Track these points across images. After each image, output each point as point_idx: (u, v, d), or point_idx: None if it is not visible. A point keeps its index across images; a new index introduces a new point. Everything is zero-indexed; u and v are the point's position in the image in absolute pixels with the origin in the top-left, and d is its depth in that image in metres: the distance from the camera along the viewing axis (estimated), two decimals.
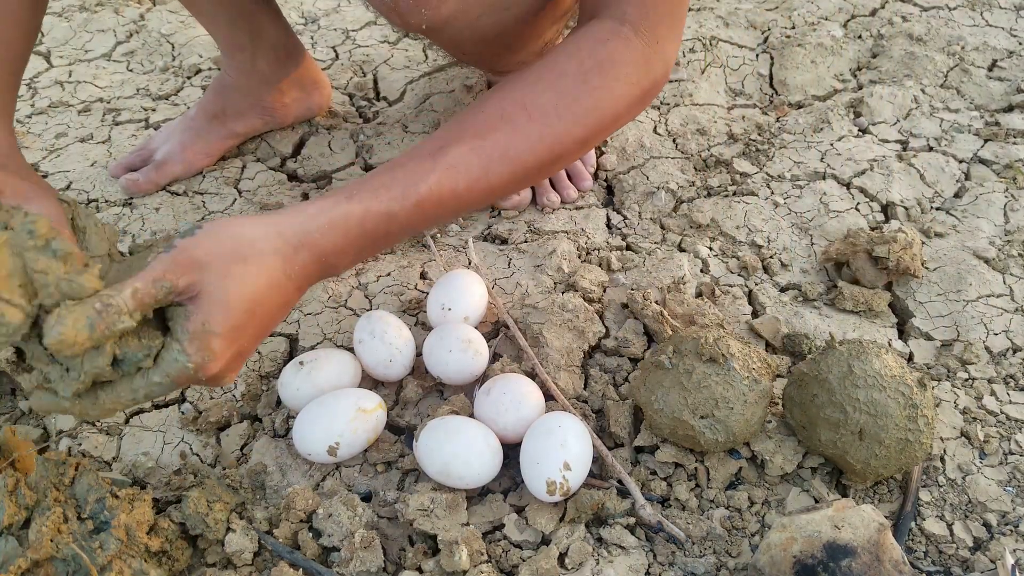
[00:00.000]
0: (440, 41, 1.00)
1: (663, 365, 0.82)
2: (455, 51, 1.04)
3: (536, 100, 0.76)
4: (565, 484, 0.76)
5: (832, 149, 1.20)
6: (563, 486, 0.76)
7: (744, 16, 1.47)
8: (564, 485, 0.76)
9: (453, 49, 1.03)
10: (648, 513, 0.77)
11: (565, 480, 0.76)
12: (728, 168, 1.18)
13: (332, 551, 0.77)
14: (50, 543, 0.69)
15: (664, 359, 0.82)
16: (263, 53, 1.13)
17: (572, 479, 0.76)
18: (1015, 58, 1.34)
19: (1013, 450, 0.85)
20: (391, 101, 1.33)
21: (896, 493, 0.82)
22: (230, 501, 0.79)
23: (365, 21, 1.51)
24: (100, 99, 1.35)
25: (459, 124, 0.76)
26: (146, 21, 1.52)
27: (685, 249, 1.07)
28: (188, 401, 0.90)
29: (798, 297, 1.01)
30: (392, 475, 0.84)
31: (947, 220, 1.09)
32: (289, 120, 1.24)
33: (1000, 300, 0.99)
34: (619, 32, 0.80)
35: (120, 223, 1.11)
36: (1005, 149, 1.18)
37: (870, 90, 1.29)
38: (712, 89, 1.32)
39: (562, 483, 0.76)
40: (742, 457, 0.84)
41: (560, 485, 0.76)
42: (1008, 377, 0.92)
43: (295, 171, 1.20)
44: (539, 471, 0.76)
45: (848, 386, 0.78)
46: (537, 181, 1.07)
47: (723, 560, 0.77)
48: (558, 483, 0.76)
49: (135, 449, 0.86)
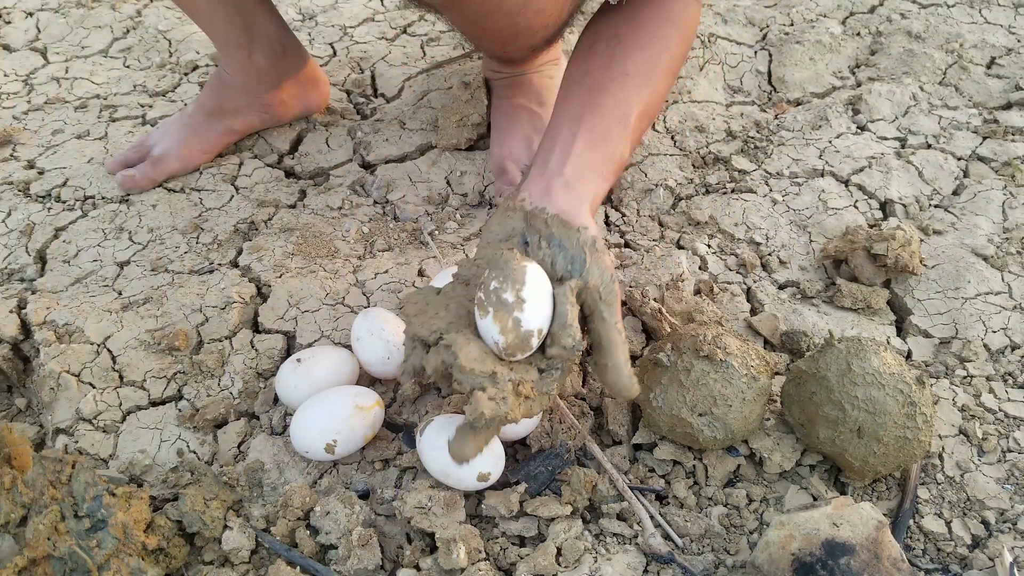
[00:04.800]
0: (460, 15, 0.98)
1: (662, 363, 0.82)
2: (472, 28, 1.02)
3: (659, 63, 0.91)
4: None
5: (831, 146, 1.19)
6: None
7: (743, 13, 1.46)
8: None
9: (470, 26, 1.01)
10: (658, 543, 0.76)
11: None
12: (727, 165, 1.18)
13: (329, 549, 0.77)
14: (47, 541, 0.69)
15: (663, 357, 0.82)
16: (260, 50, 1.12)
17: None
18: (1014, 55, 1.34)
19: (1011, 448, 0.85)
20: (389, 98, 1.33)
21: (894, 491, 0.82)
22: (227, 499, 0.78)
23: (363, 18, 1.50)
24: (97, 95, 1.34)
25: (620, 88, 0.87)
26: (143, 17, 1.52)
27: (683, 246, 1.06)
28: (185, 399, 0.90)
29: (796, 294, 1.01)
30: (390, 473, 0.84)
31: (946, 217, 1.09)
32: (287, 117, 1.24)
33: (998, 298, 0.98)
34: (690, 2, 0.95)
35: (117, 220, 1.11)
36: (1004, 146, 1.17)
37: (869, 87, 1.28)
38: (711, 86, 1.32)
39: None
40: (740, 455, 0.84)
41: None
42: (1006, 375, 0.92)
43: (292, 168, 1.20)
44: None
45: (847, 384, 0.77)
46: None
47: (721, 558, 0.77)
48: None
49: (132, 447, 0.86)
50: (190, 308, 0.98)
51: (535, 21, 0.94)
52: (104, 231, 1.10)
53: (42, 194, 1.16)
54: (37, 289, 1.02)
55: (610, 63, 0.89)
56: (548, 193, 0.78)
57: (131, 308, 0.98)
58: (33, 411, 0.93)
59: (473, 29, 1.01)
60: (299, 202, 1.14)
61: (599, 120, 0.85)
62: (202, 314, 0.98)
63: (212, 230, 1.10)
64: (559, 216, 0.76)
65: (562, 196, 0.78)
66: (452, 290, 0.76)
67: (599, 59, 0.90)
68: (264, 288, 1.01)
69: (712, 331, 0.82)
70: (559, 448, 0.83)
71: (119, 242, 1.08)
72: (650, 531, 0.77)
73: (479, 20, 0.95)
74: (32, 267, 1.06)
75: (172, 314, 0.97)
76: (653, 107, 0.92)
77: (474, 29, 1.01)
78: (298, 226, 1.09)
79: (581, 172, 0.81)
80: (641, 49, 0.90)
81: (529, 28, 0.96)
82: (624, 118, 0.86)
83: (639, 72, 0.89)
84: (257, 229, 1.10)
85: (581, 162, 0.81)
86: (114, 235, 1.09)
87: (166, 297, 1.00)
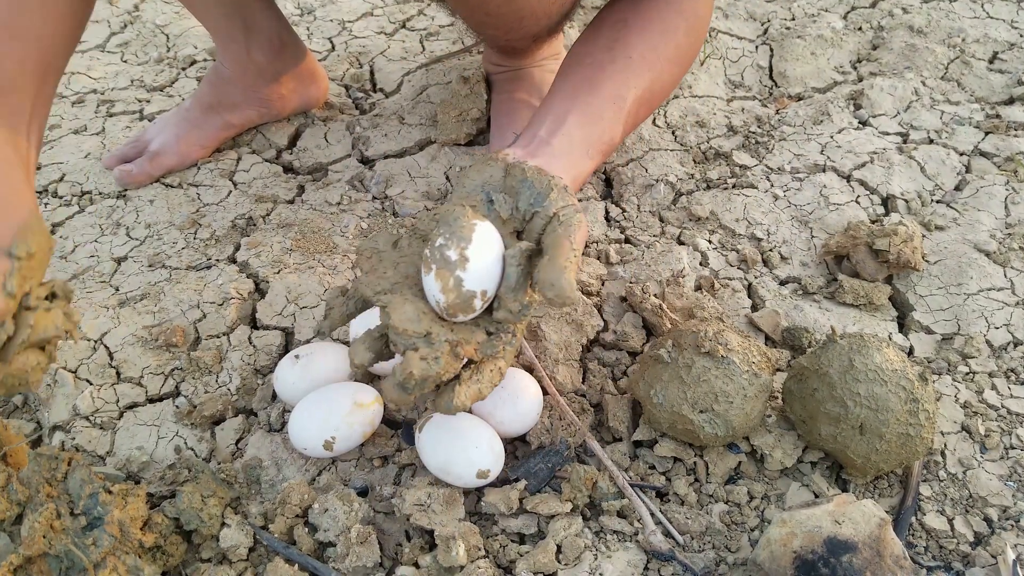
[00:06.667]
0: (463, 0, 0.97)
1: (662, 359, 0.81)
2: (475, 14, 1.00)
3: (664, 50, 0.91)
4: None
5: (832, 141, 1.19)
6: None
7: (744, 7, 1.46)
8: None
9: (474, 12, 0.99)
10: (659, 540, 0.76)
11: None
12: (727, 160, 1.17)
13: (328, 546, 0.76)
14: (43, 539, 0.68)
15: (663, 353, 0.81)
16: (258, 44, 1.12)
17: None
18: (1016, 50, 1.33)
19: (1014, 444, 0.84)
20: (388, 92, 1.32)
21: (896, 488, 0.82)
22: (225, 496, 0.78)
23: (361, 12, 1.50)
24: (94, 90, 1.34)
25: (620, 70, 0.87)
26: (140, 12, 1.51)
27: (684, 242, 1.06)
28: (183, 395, 0.90)
29: (798, 290, 1.00)
30: (389, 470, 0.83)
31: (948, 213, 1.08)
32: (286, 112, 1.23)
33: (1001, 293, 0.98)
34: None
35: (114, 215, 1.10)
36: (1006, 142, 1.17)
37: (870, 82, 1.28)
38: (711, 81, 1.31)
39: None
40: (741, 451, 0.84)
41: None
42: (1009, 371, 0.91)
43: (291, 163, 1.19)
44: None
45: (849, 380, 0.77)
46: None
47: (722, 555, 0.76)
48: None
49: (129, 443, 0.85)
50: (188, 304, 0.97)
51: (539, 7, 0.94)
52: (101, 227, 1.10)
53: (39, 190, 1.15)
54: None
55: (613, 45, 0.89)
56: (533, 156, 0.78)
57: (128, 304, 0.98)
58: (29, 407, 0.92)
59: (476, 15, 1.00)
60: (297, 197, 1.14)
61: (593, 99, 0.84)
62: (200, 310, 0.97)
63: (210, 226, 1.09)
64: (538, 167, 0.75)
65: (546, 161, 0.77)
66: (408, 244, 0.75)
67: (602, 40, 0.90)
68: (262, 284, 1.01)
69: (713, 327, 0.82)
70: (559, 445, 0.82)
71: (116, 238, 1.08)
72: (651, 528, 0.77)
73: (482, 5, 0.94)
74: None
75: (169, 310, 0.97)
76: (655, 95, 0.92)
77: (477, 15, 1.00)
78: (296, 222, 1.09)
79: (569, 146, 0.80)
80: (646, 34, 0.90)
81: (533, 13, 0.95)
82: (619, 100, 0.85)
83: (642, 57, 0.89)
84: (255, 225, 1.09)
85: (570, 137, 0.81)
86: (111, 231, 1.09)
87: (163, 293, 0.99)
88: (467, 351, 0.68)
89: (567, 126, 0.81)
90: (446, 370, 0.67)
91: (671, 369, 0.80)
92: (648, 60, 0.89)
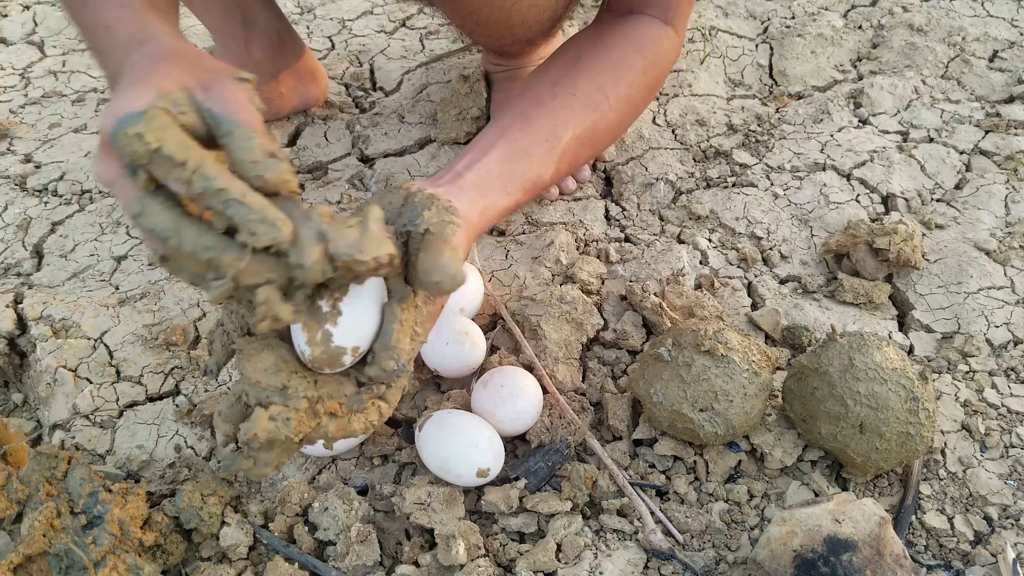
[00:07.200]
0: (453, 9, 0.96)
1: (662, 358, 0.81)
2: (466, 22, 1.00)
3: (614, 89, 0.88)
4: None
5: (832, 140, 1.19)
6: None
7: (743, 6, 1.46)
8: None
9: (465, 20, 0.99)
10: (659, 539, 0.76)
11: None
12: (727, 159, 1.17)
13: (328, 545, 0.76)
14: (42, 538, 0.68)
15: (663, 352, 0.81)
16: (257, 42, 1.12)
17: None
18: (1016, 49, 1.33)
19: (1014, 443, 0.84)
20: (388, 91, 1.32)
21: (897, 487, 0.82)
22: (225, 495, 0.78)
23: (362, 11, 1.50)
24: (94, 89, 1.34)
25: (559, 107, 0.84)
26: None
27: (684, 241, 1.06)
28: (183, 394, 0.90)
29: (798, 289, 1.00)
30: (389, 468, 0.83)
31: (948, 212, 1.08)
32: (285, 111, 1.23)
33: (1001, 292, 0.98)
34: (666, 32, 0.94)
35: (114, 214, 1.10)
36: (1006, 140, 1.17)
37: (870, 81, 1.28)
38: (711, 80, 1.31)
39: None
40: (741, 450, 0.84)
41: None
42: (1009, 370, 0.91)
43: (290, 161, 1.19)
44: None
45: (849, 379, 0.77)
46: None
47: (722, 554, 0.76)
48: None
49: (129, 442, 0.85)
50: (187, 303, 0.97)
51: (529, 15, 0.94)
52: (101, 225, 1.09)
53: (39, 188, 1.15)
54: (34, 284, 1.01)
55: (559, 81, 0.87)
56: (439, 186, 0.72)
57: (128, 303, 0.98)
58: (30, 406, 0.92)
59: (467, 23, 1.00)
60: None
61: (524, 135, 0.81)
62: (199, 309, 0.97)
63: None
64: (432, 194, 0.66)
65: (452, 192, 0.71)
66: None
67: (550, 75, 0.88)
68: None
69: (713, 326, 0.82)
70: (559, 444, 0.82)
71: (116, 236, 1.08)
72: (650, 527, 0.77)
73: (472, 13, 0.94)
74: (29, 261, 1.05)
75: (169, 309, 0.97)
76: (599, 134, 0.88)
77: (468, 23, 1.00)
78: None
79: (483, 181, 0.76)
80: (595, 73, 0.88)
81: (523, 21, 0.95)
82: (554, 138, 0.82)
83: (587, 96, 0.86)
84: None
85: (486, 171, 0.77)
86: (111, 229, 1.09)
87: (163, 292, 0.99)
88: (330, 407, 0.61)
89: (487, 161, 0.78)
90: (297, 432, 0.58)
91: (671, 368, 0.80)
92: (593, 100, 0.86)
